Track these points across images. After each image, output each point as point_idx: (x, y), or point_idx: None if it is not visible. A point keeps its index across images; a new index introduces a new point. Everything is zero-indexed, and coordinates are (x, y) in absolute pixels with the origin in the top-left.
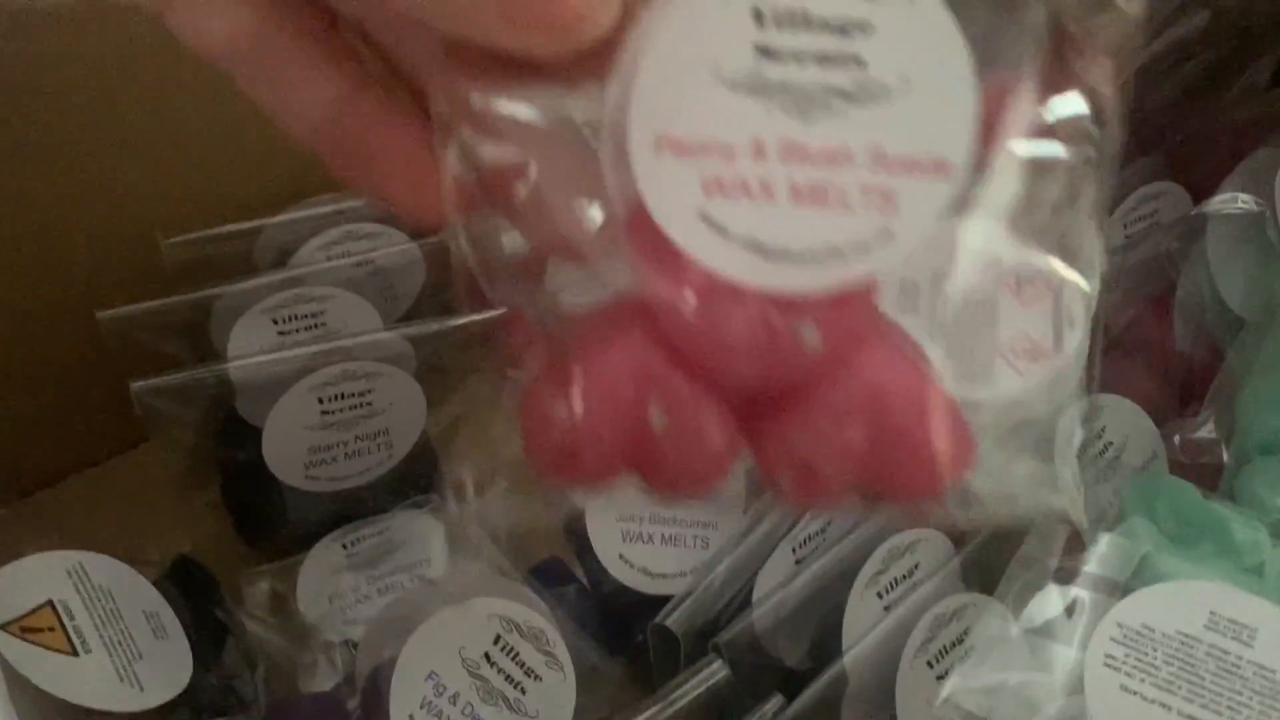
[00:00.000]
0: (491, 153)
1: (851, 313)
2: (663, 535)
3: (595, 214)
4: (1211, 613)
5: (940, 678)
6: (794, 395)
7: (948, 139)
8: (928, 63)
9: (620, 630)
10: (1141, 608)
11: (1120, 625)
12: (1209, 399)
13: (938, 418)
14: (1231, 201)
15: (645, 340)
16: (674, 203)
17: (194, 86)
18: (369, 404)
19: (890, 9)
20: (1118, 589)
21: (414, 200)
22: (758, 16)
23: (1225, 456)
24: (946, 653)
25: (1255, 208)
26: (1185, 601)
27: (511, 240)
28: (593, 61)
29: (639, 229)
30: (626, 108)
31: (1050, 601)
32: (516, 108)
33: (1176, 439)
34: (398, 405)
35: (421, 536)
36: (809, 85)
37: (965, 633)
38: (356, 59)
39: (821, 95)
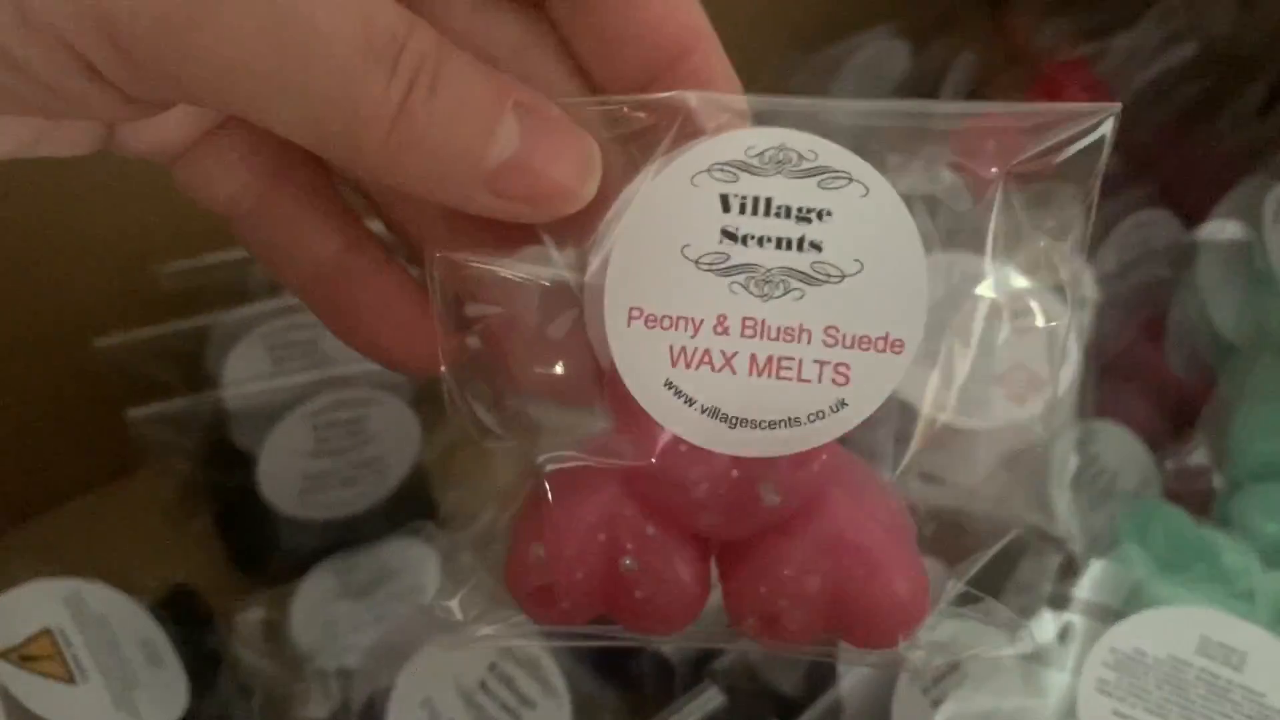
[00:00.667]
0: (482, 309)
1: (810, 473)
2: None
3: (577, 366)
4: (1202, 637)
5: (936, 703)
6: (759, 545)
7: (900, 318)
8: (881, 248)
9: (617, 658)
10: (1134, 633)
11: (1113, 650)
12: (1200, 425)
13: (895, 574)
14: (1221, 230)
15: (617, 490)
16: (643, 369)
17: None
18: (363, 430)
19: (846, 198)
20: (1111, 614)
21: (405, 354)
22: (725, 202)
23: (1217, 482)
24: (942, 679)
25: (1243, 236)
26: (1177, 626)
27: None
28: (575, 225)
29: (614, 386)
30: (603, 277)
31: (1044, 627)
32: (506, 268)
33: (1170, 465)
34: (392, 432)
35: (416, 564)
36: (770, 267)
37: (961, 659)
38: (352, 217)
39: (781, 276)
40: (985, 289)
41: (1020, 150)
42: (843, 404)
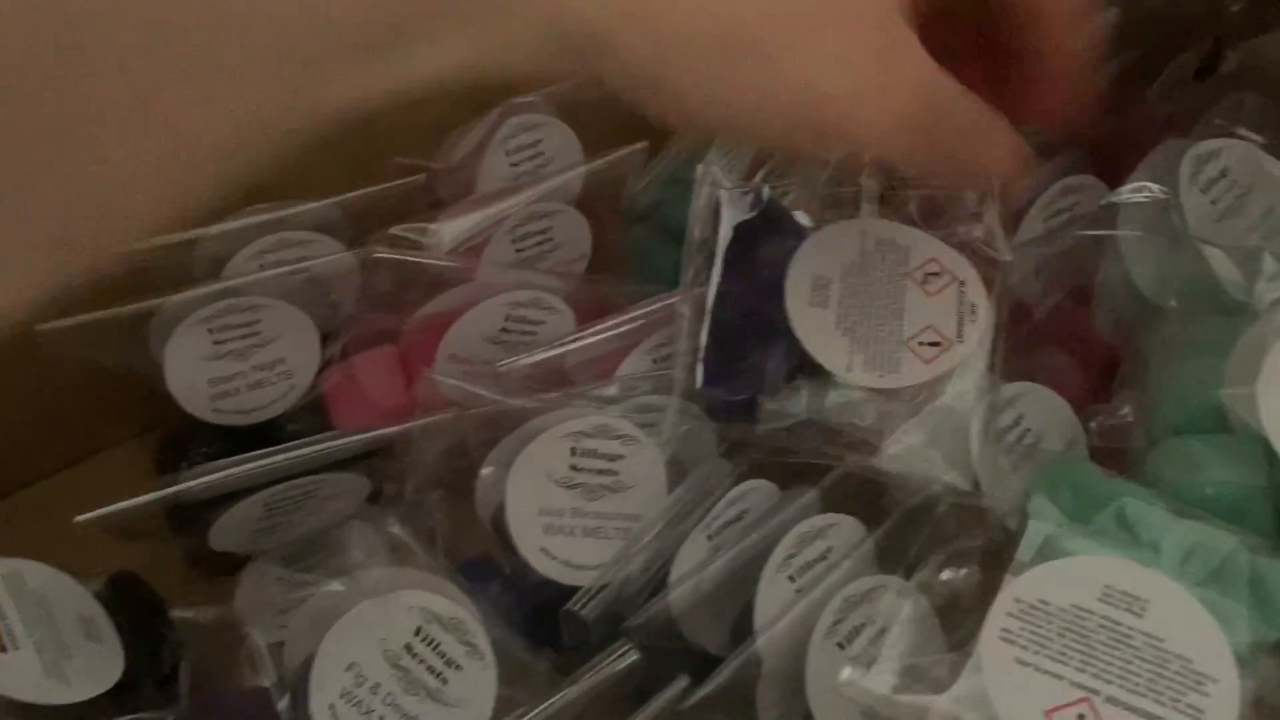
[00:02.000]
0: None
1: None
2: (584, 528)
3: None
4: (1106, 586)
5: (852, 659)
6: None
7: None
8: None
9: (547, 623)
10: (1038, 584)
11: (1017, 601)
12: (1122, 383)
13: None
14: (1139, 191)
15: None
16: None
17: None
18: (258, 334)
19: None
20: (1022, 568)
21: None
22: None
23: (1140, 440)
24: (858, 634)
25: (1161, 195)
26: (1081, 576)
27: None
28: None
29: None
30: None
31: (957, 581)
32: None
33: (1094, 424)
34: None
35: (356, 540)
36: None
37: (876, 614)
38: None
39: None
40: (895, 251)
41: None
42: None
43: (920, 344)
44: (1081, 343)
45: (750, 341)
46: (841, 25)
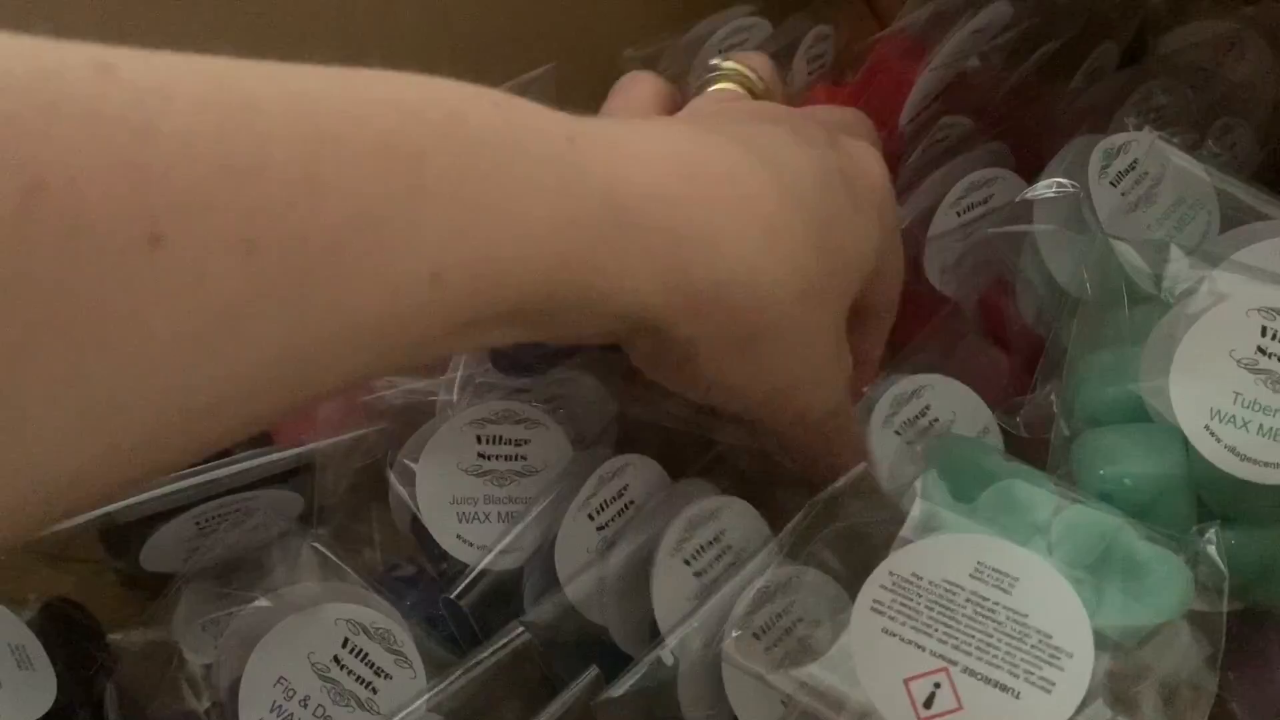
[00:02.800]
0: None
1: None
2: (499, 513)
3: None
4: (978, 563)
5: (767, 649)
6: None
7: None
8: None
9: (467, 628)
10: (912, 558)
11: (891, 574)
12: (1043, 374)
13: None
14: (1051, 186)
15: None
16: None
17: None
18: None
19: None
20: (902, 543)
21: None
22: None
23: (1064, 430)
24: (773, 624)
25: (1072, 190)
26: (956, 553)
27: None
28: None
29: None
30: None
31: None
32: None
33: (1020, 417)
34: None
35: (287, 556)
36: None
37: (791, 604)
38: None
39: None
40: None
41: None
42: None
43: None
44: (1005, 333)
45: None
46: (821, 329)
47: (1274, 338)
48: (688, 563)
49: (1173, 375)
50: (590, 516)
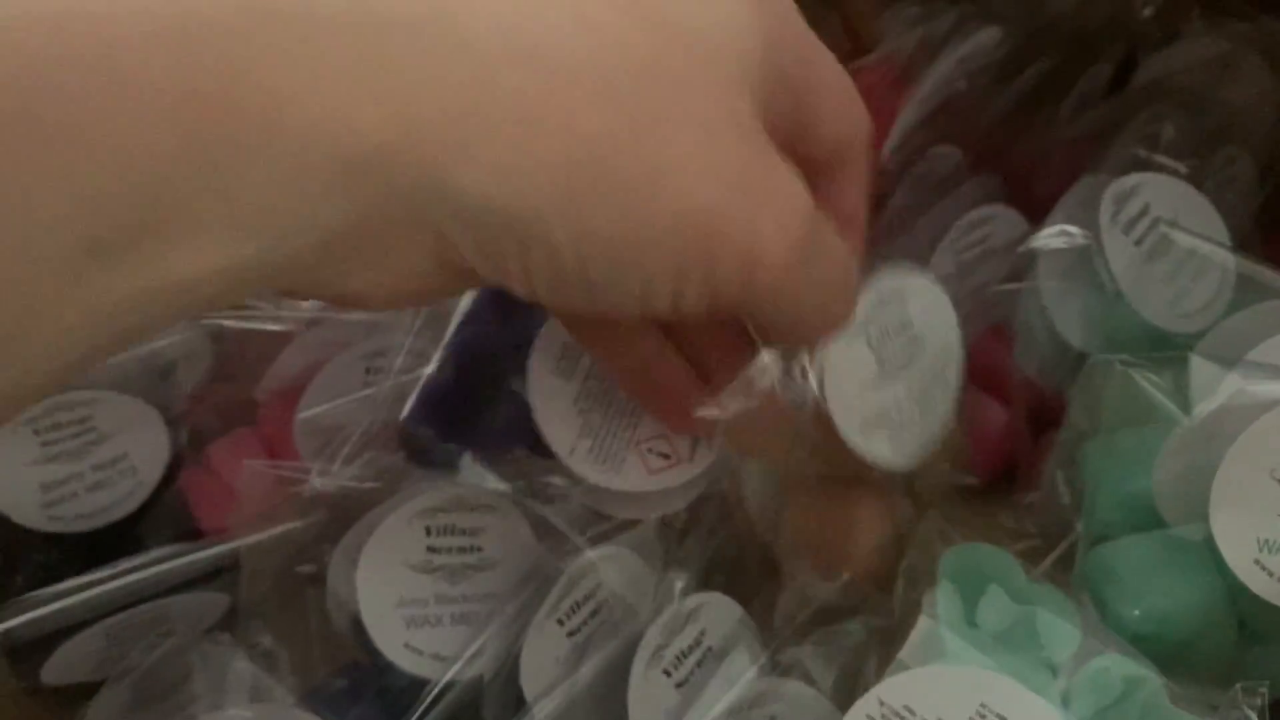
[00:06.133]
0: None
1: None
2: (452, 615)
3: None
4: (982, 704)
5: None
6: None
7: None
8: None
9: None
10: (908, 688)
11: (882, 703)
12: (1055, 454)
13: None
14: (1059, 235)
15: None
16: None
17: None
18: (93, 430)
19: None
20: (900, 667)
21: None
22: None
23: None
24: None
25: (1082, 240)
26: (958, 688)
27: None
28: None
29: None
30: None
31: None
32: None
33: (1029, 500)
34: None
35: (209, 670)
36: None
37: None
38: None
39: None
40: None
41: None
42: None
43: (650, 451)
44: (1003, 385)
45: (480, 388)
46: (701, 122)
47: None
48: (668, 673)
49: (1213, 505)
50: (560, 622)
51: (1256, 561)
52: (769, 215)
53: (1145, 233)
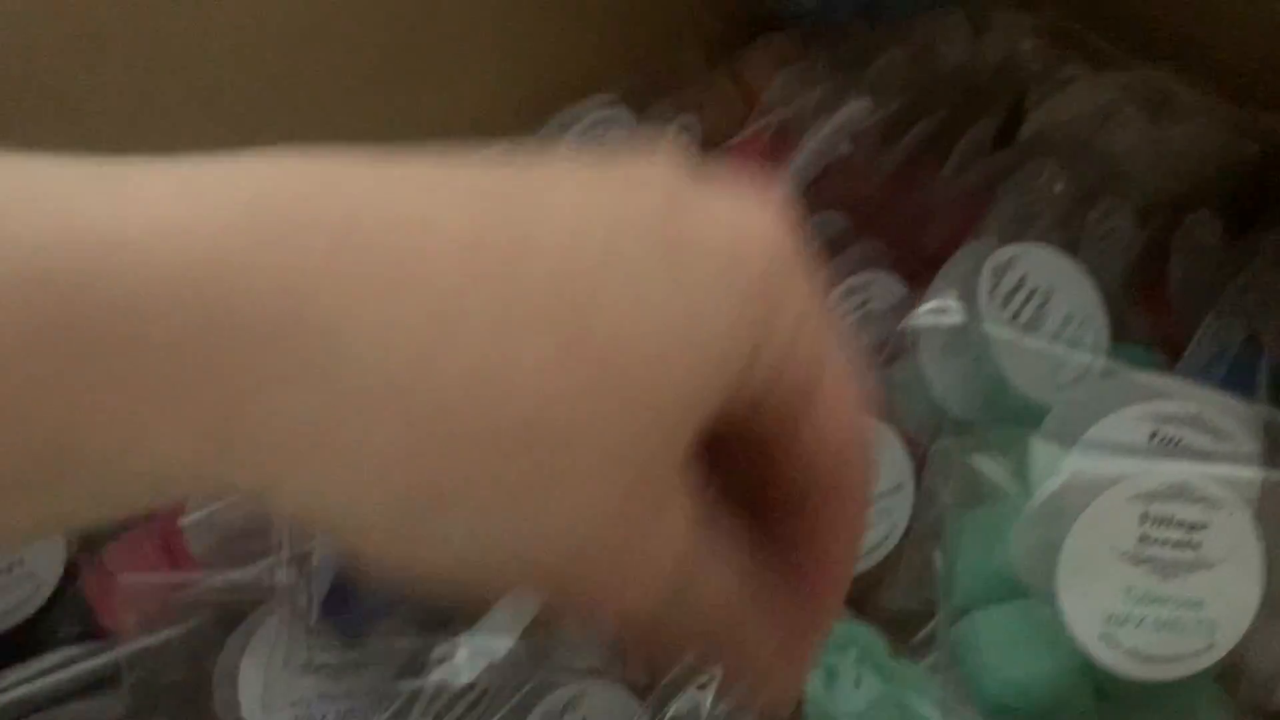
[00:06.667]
0: None
1: None
2: (337, 712)
3: None
4: None
5: None
6: None
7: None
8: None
9: None
10: None
11: None
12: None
13: None
14: (939, 312)
15: None
16: None
17: None
18: None
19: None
20: None
21: None
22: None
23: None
24: None
25: (961, 317)
26: None
27: None
28: None
29: None
30: None
31: None
32: None
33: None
34: None
35: None
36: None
37: None
38: None
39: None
40: None
41: None
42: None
43: None
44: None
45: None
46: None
47: (1155, 523)
48: None
49: (1060, 583)
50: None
51: (1103, 636)
52: (641, 575)
53: (1022, 305)
